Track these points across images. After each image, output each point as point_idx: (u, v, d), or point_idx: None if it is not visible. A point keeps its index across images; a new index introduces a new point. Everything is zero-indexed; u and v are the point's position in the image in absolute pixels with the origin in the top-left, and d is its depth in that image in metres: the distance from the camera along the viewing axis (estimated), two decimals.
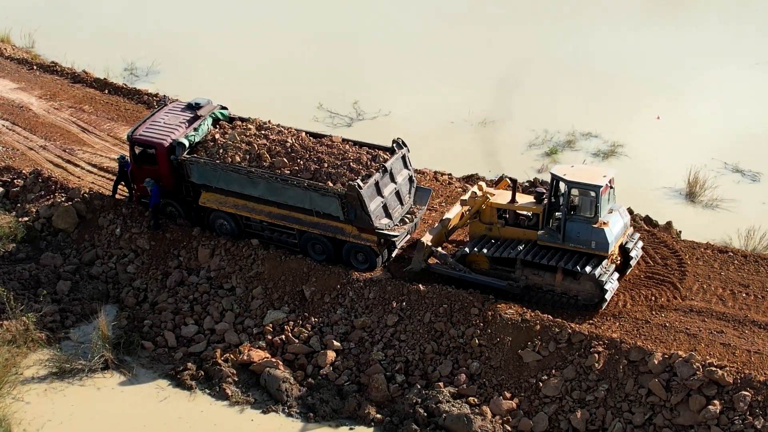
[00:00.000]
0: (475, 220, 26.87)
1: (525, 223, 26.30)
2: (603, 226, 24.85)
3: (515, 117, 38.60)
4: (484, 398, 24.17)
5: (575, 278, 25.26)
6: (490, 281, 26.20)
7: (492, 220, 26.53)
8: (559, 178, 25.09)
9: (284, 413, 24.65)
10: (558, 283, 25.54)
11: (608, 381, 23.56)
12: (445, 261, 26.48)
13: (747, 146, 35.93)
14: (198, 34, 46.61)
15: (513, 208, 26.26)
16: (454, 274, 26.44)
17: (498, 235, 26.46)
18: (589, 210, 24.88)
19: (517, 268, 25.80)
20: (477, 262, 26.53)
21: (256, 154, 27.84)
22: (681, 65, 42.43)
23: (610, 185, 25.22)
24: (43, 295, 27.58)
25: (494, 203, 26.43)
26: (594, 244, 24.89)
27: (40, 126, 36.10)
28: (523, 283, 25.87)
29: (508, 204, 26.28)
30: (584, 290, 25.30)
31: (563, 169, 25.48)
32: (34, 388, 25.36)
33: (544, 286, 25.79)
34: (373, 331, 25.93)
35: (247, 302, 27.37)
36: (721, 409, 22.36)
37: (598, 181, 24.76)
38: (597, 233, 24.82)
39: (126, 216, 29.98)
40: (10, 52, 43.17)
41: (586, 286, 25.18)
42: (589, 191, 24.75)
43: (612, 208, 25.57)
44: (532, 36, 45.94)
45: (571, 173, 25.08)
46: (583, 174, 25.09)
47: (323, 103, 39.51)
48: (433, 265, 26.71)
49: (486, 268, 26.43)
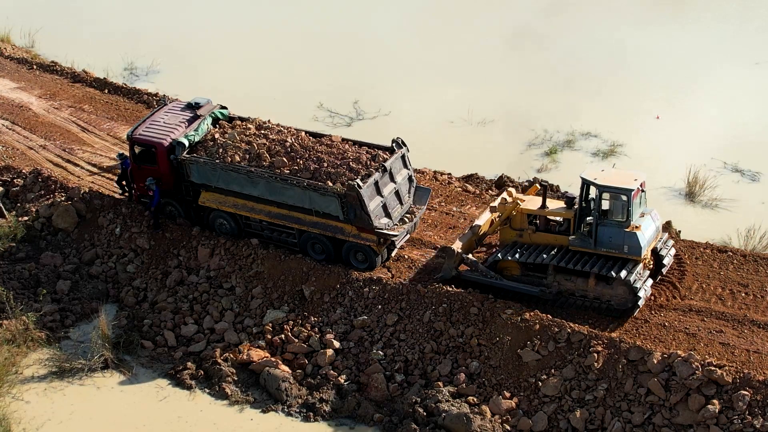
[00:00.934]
0: (505, 227, 26.57)
1: (556, 229, 26.00)
2: (635, 230, 24.59)
3: (515, 116, 38.60)
4: (483, 397, 24.19)
5: (608, 283, 24.93)
6: (523, 288, 25.95)
7: (523, 226, 26.24)
8: (590, 182, 24.81)
9: (284, 412, 24.68)
10: (591, 289, 25.22)
11: (607, 380, 23.57)
12: (476, 268, 26.25)
13: (746, 146, 35.97)
14: (198, 33, 46.66)
15: (544, 213, 25.94)
16: (486, 281, 26.20)
17: (529, 241, 26.16)
18: (621, 214, 24.62)
19: (549, 274, 25.54)
20: (508, 269, 26.31)
21: (256, 153, 27.86)
22: (681, 65, 42.47)
23: (641, 189, 24.94)
24: (43, 294, 27.59)
25: (525, 209, 26.13)
26: (626, 248, 24.63)
27: (39, 125, 36.12)
28: (555, 288, 25.64)
29: (538, 210, 25.98)
30: (617, 295, 24.96)
31: (594, 173, 25.17)
32: (34, 387, 25.38)
33: (577, 292, 25.51)
34: (373, 331, 25.94)
35: (247, 301, 27.39)
36: (720, 408, 22.36)
37: (629, 185, 24.48)
38: (629, 237, 24.56)
39: (126, 215, 30.00)
40: (10, 51, 43.21)
41: (619, 291, 24.86)
42: (621, 195, 24.49)
43: (644, 212, 25.32)
44: (531, 36, 45.92)
45: (602, 177, 24.83)
46: (614, 178, 24.80)
47: (323, 102, 39.53)
48: (464, 272, 26.48)
49: (517, 275, 26.20)
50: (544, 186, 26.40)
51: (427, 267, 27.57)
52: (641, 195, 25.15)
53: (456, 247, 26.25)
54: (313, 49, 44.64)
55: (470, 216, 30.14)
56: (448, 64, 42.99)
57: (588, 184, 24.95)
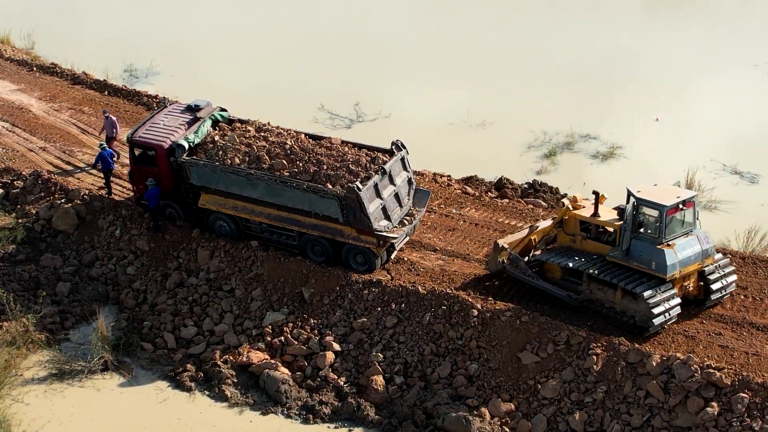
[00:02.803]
0: (560, 231, 26.41)
1: (605, 239, 25.56)
2: (666, 247, 24.12)
3: (514, 118, 38.63)
4: (482, 400, 24.19)
5: (634, 298, 24.47)
6: (552, 290, 25.84)
7: (575, 231, 25.97)
8: (631, 194, 24.40)
9: (283, 414, 24.69)
10: (618, 301, 24.82)
11: (606, 383, 23.59)
12: (516, 264, 26.30)
13: (746, 148, 36.01)
14: (198, 35, 46.70)
15: (593, 221, 25.58)
16: (524, 279, 26.23)
17: (580, 247, 25.86)
18: (653, 229, 24.27)
19: (584, 281, 25.27)
20: (551, 271, 26.24)
21: (256, 155, 27.89)
22: (680, 67, 42.53)
23: (682, 207, 24.34)
24: (43, 296, 27.60)
25: (576, 215, 25.81)
26: (654, 264, 24.16)
27: (39, 127, 36.14)
28: (584, 296, 25.32)
29: (589, 217, 25.63)
30: (640, 311, 24.41)
31: (641, 186, 24.74)
32: (34, 389, 25.39)
33: (606, 303, 25.13)
34: (372, 333, 25.96)
35: (247, 304, 27.41)
36: (719, 410, 22.38)
37: (666, 201, 24.01)
38: (658, 254, 24.08)
39: (126, 217, 30.02)
40: (10, 53, 43.23)
41: (642, 307, 24.28)
42: (655, 210, 24.09)
43: (689, 232, 24.71)
44: (531, 37, 46.01)
45: (644, 191, 24.39)
46: (655, 192, 24.36)
47: (324, 104, 39.54)
48: (508, 266, 26.53)
49: (557, 278, 26.09)
50: (596, 193, 25.65)
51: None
52: (685, 212, 24.50)
53: (501, 242, 26.32)
54: (314, 50, 44.67)
55: (470, 218, 30.19)
56: (448, 66, 43.02)
57: (630, 195, 24.46)
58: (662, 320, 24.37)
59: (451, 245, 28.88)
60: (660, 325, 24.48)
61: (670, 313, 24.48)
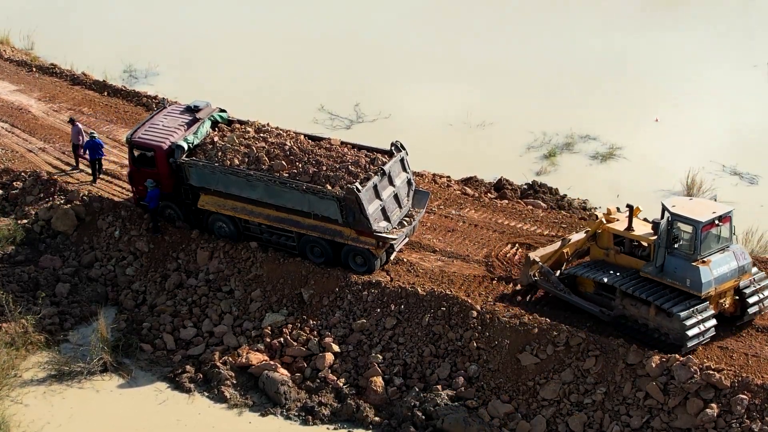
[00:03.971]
0: (593, 244, 25.96)
1: (639, 253, 25.06)
2: (701, 264, 23.47)
3: (514, 119, 38.62)
4: (482, 401, 24.18)
5: (668, 315, 23.86)
6: (584, 305, 25.34)
7: (608, 245, 25.48)
8: (666, 208, 23.85)
9: (282, 416, 24.68)
10: (651, 318, 24.17)
11: (606, 384, 23.58)
12: (548, 278, 25.89)
13: (745, 148, 36.03)
14: (197, 35, 46.69)
15: (626, 235, 25.06)
16: (555, 293, 25.81)
17: (614, 261, 25.35)
18: (689, 246, 23.64)
19: (617, 297, 24.69)
20: (584, 284, 25.78)
21: (255, 156, 27.88)
22: (679, 67, 42.53)
23: (718, 222, 23.72)
24: (42, 297, 27.59)
25: (610, 228, 25.33)
26: (689, 282, 23.53)
27: (39, 128, 36.12)
28: (617, 312, 24.70)
29: (623, 231, 25.11)
30: (674, 330, 23.79)
31: (675, 200, 24.40)
32: (33, 390, 25.38)
33: (639, 319, 24.46)
34: (372, 334, 25.95)
35: (246, 305, 27.40)
36: (718, 412, 22.38)
37: (701, 217, 23.39)
38: (693, 271, 23.43)
39: (125, 218, 30.01)
40: (9, 53, 43.21)
41: (676, 325, 23.67)
42: (690, 226, 23.51)
43: (726, 247, 24.09)
44: (531, 38, 46.00)
45: (679, 205, 23.92)
46: (691, 207, 23.85)
47: (324, 105, 39.52)
48: (539, 280, 26.10)
49: (590, 292, 25.61)
50: (630, 207, 25.19)
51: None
52: (721, 228, 23.90)
53: (533, 255, 25.84)
54: (314, 51, 44.67)
55: (469, 219, 30.19)
56: (447, 67, 43.01)
57: (664, 210, 23.93)
58: (697, 341, 23.76)
59: (451, 246, 28.86)
60: (694, 346, 23.88)
61: (705, 335, 23.84)
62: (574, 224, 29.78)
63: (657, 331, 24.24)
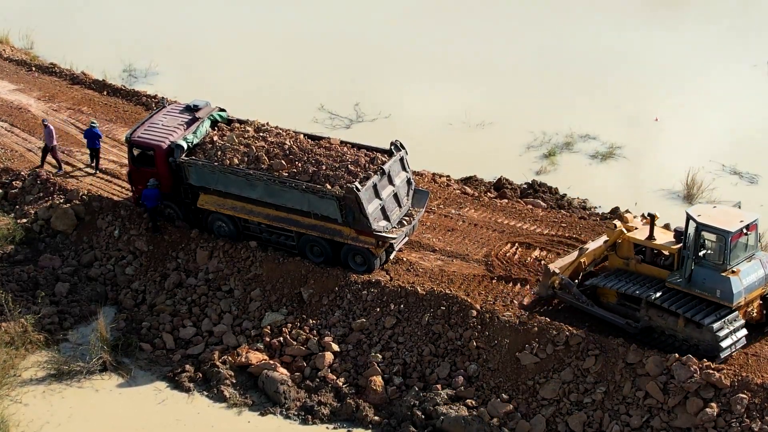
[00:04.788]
0: (612, 253, 25.56)
1: (661, 262, 24.78)
2: (731, 274, 23.17)
3: (513, 118, 38.60)
4: (481, 400, 24.18)
5: (697, 326, 23.58)
6: (610, 317, 24.86)
7: (629, 254, 25.13)
8: (691, 218, 23.54)
9: (282, 415, 24.68)
10: (680, 329, 23.86)
11: (606, 383, 23.58)
12: (569, 290, 25.34)
13: (745, 148, 35.98)
14: (197, 35, 46.62)
15: (649, 245, 24.76)
16: (577, 305, 25.30)
17: (634, 270, 25.00)
18: (717, 256, 23.27)
19: (642, 308, 24.36)
20: (606, 295, 25.34)
21: (255, 156, 27.86)
22: (679, 66, 42.48)
23: (745, 231, 23.42)
24: (42, 296, 27.58)
25: (631, 238, 25.04)
26: (719, 293, 23.23)
27: (38, 127, 36.03)
28: (644, 324, 24.36)
29: (645, 240, 24.85)
30: (705, 341, 23.53)
31: (701, 209, 23.95)
32: (33, 389, 25.37)
33: (667, 330, 24.18)
34: (371, 333, 25.94)
35: (246, 304, 27.39)
36: (718, 411, 22.37)
37: (729, 227, 23.03)
38: (723, 282, 23.12)
39: (124, 218, 30.00)
40: (8, 53, 43.18)
41: (707, 336, 23.41)
42: (719, 236, 23.13)
43: (753, 255, 23.86)
44: (530, 38, 45.97)
45: (705, 215, 23.45)
46: (717, 217, 23.40)
47: (324, 104, 39.50)
48: (559, 292, 25.60)
49: (613, 303, 25.15)
50: (651, 216, 24.91)
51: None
52: (749, 236, 23.62)
53: (552, 266, 25.41)
54: (314, 50, 44.62)
55: (469, 218, 30.18)
56: (447, 66, 42.98)
57: (690, 219, 23.64)
58: (729, 352, 23.54)
59: (450, 246, 28.85)
60: (727, 357, 23.63)
61: (737, 345, 23.65)
62: (574, 223, 29.78)
63: (686, 342, 23.97)
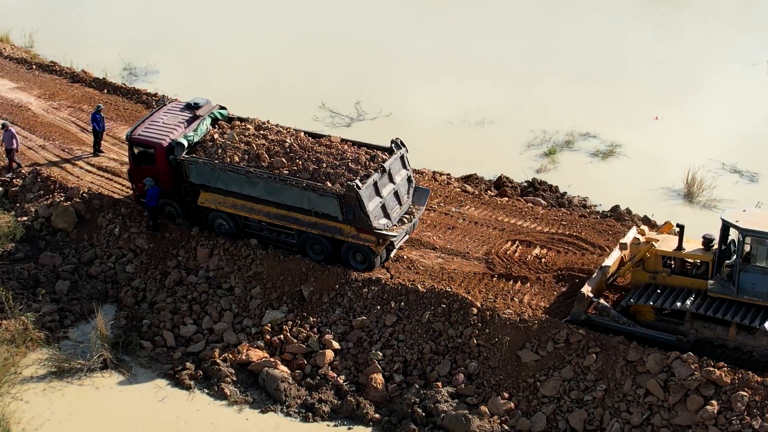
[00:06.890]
0: (638, 269, 24.95)
1: (692, 272, 24.39)
2: None
3: (514, 117, 38.62)
4: (482, 398, 24.19)
5: (750, 333, 23.29)
6: (659, 336, 24.14)
7: (657, 268, 24.59)
8: (731, 224, 23.16)
9: (282, 413, 24.67)
10: (731, 338, 23.46)
11: (606, 381, 23.59)
12: (607, 313, 24.59)
13: (745, 146, 36.00)
14: (197, 33, 46.67)
15: (681, 255, 24.25)
16: (618, 327, 24.45)
17: (663, 283, 24.58)
18: (765, 260, 22.99)
19: (686, 321, 23.89)
20: (642, 313, 24.61)
21: (255, 154, 27.87)
22: (679, 65, 42.53)
23: None
24: (42, 294, 27.60)
25: (660, 251, 24.44)
26: None
27: (39, 125, 36.12)
28: (693, 337, 23.87)
29: (675, 252, 24.32)
30: (760, 346, 23.24)
31: (736, 214, 23.42)
32: (33, 387, 25.37)
33: (716, 341, 23.70)
34: (372, 331, 25.95)
35: (246, 302, 27.40)
36: (718, 409, 22.37)
37: None
38: None
39: (125, 216, 30.02)
40: (9, 51, 43.22)
41: (763, 341, 23.15)
42: (765, 240, 22.89)
43: None
44: (531, 36, 46.01)
45: (744, 219, 23.08)
46: (757, 220, 23.10)
47: (324, 102, 39.51)
48: (594, 316, 24.80)
49: (652, 320, 24.47)
50: (681, 226, 24.25)
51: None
52: None
53: (586, 291, 24.77)
54: (315, 49, 44.66)
55: (469, 217, 30.19)
56: (448, 65, 43.03)
57: (728, 225, 23.25)
58: None
59: (451, 243, 28.86)
60: None
61: None
62: (574, 222, 29.78)
63: (738, 350, 23.70)
